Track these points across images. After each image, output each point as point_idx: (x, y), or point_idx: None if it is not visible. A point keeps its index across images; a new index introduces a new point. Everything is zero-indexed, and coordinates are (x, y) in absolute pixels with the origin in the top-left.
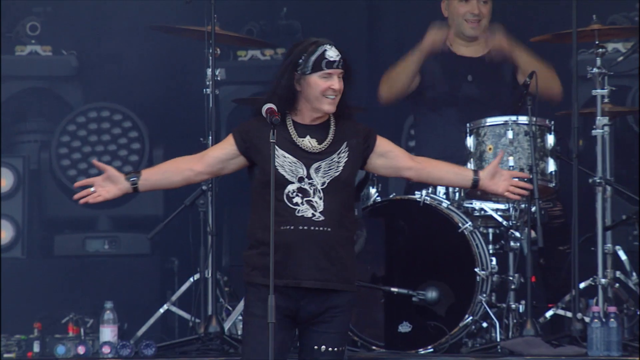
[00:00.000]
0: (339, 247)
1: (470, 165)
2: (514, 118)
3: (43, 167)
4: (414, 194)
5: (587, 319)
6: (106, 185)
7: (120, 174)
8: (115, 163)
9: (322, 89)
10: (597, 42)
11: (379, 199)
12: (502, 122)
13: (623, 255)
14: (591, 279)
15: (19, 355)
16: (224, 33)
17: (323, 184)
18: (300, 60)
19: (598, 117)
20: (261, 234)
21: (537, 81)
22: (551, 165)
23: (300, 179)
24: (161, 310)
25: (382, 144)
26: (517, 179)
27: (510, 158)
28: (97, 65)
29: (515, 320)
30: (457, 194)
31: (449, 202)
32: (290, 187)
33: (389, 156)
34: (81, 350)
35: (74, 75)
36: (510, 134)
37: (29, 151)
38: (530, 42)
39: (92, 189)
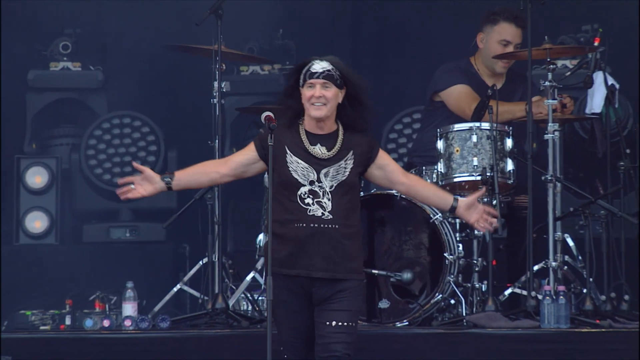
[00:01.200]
0: (346, 241)
1: (440, 165)
2: (477, 124)
3: (73, 167)
4: (393, 190)
5: (540, 297)
6: (144, 183)
7: (156, 174)
8: (135, 160)
9: (307, 97)
10: (548, 59)
11: (362, 193)
12: (468, 128)
13: (571, 242)
14: (544, 262)
15: (53, 327)
16: (228, 51)
17: (331, 187)
18: (300, 77)
19: (549, 124)
20: (277, 229)
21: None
22: (509, 165)
23: (312, 182)
24: (174, 289)
25: (383, 157)
26: (488, 214)
27: (475, 158)
28: (120, 78)
29: (478, 298)
30: None
31: None
32: (302, 189)
33: (386, 169)
34: (106, 323)
35: (100, 87)
36: (474, 138)
37: (61, 153)
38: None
39: (132, 186)
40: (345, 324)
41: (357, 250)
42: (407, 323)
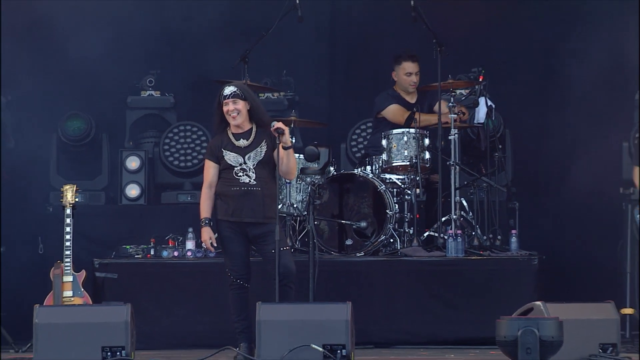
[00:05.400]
0: (266, 198)
1: (384, 155)
2: (407, 130)
3: (155, 156)
4: (354, 171)
5: (445, 237)
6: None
7: (208, 228)
8: (193, 154)
9: (226, 112)
10: (451, 89)
11: (335, 173)
12: (401, 132)
13: (465, 203)
14: (448, 215)
15: (143, 256)
16: (251, 84)
17: (254, 164)
18: (220, 99)
19: (452, 129)
20: (223, 193)
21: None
22: (427, 155)
23: (240, 164)
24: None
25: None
26: None
27: (406, 151)
28: (185, 102)
29: (407, 238)
30: (377, 171)
31: (372, 175)
32: (235, 169)
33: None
34: (175, 253)
35: (172, 107)
36: (405, 138)
37: (148, 147)
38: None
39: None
40: (287, 248)
41: (274, 203)
42: (363, 254)
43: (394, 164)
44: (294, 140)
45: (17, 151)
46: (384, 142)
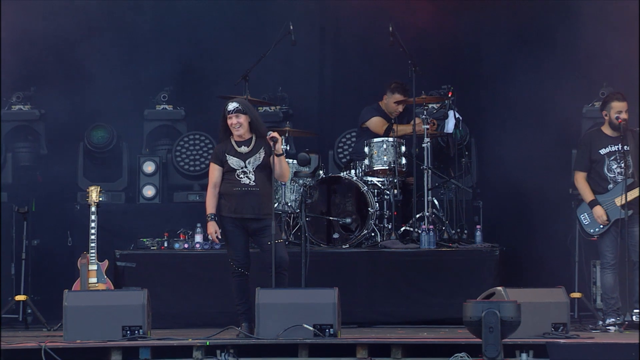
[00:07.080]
0: (263, 197)
1: (366, 160)
2: (387, 138)
3: (168, 162)
4: (340, 174)
5: (419, 231)
6: (217, 233)
7: (213, 222)
8: (201, 159)
9: (230, 124)
10: (424, 104)
11: (324, 176)
12: (381, 140)
13: (436, 202)
14: (421, 213)
15: (157, 247)
16: (251, 99)
17: (253, 168)
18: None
19: (425, 137)
20: (225, 192)
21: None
22: (403, 160)
23: (242, 167)
24: None
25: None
26: None
27: (385, 157)
28: (194, 113)
29: (386, 232)
30: (360, 174)
31: (356, 177)
32: (237, 171)
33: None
34: (186, 245)
35: (182, 119)
36: (385, 145)
37: (162, 154)
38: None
39: (216, 239)
40: (282, 240)
41: (270, 202)
42: (348, 246)
43: (375, 168)
44: (287, 148)
45: (49, 157)
46: (366, 149)
